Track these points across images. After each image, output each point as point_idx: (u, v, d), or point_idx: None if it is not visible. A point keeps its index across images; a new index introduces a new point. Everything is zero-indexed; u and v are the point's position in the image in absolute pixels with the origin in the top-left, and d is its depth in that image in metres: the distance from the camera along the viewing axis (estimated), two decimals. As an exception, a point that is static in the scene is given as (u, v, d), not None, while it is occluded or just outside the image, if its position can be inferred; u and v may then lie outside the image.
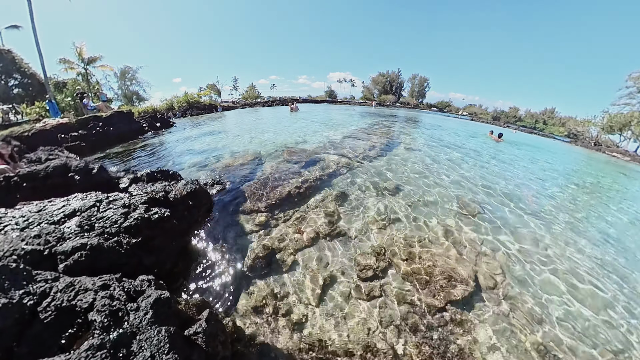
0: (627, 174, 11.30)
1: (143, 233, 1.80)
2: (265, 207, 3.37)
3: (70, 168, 2.41)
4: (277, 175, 4.31)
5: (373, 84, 75.16)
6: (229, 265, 2.45)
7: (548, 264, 2.96)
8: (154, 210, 1.97)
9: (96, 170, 2.50)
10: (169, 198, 2.36)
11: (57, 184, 2.32)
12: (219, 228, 2.93)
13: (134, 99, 37.34)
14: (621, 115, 29.49)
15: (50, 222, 1.65)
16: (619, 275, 2.99)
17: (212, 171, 4.73)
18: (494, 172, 6.13)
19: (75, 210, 1.75)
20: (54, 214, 1.71)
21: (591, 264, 3.08)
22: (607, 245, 3.65)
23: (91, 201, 1.86)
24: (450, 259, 2.72)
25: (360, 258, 2.74)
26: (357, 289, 2.46)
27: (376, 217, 3.50)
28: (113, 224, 1.71)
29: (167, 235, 1.99)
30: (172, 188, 2.58)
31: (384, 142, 7.52)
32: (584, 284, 2.73)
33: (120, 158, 7.45)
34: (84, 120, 10.91)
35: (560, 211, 4.62)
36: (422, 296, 2.34)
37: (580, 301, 2.52)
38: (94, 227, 1.66)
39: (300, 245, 2.87)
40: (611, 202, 5.76)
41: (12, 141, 7.89)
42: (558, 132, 58.58)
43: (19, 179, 2.23)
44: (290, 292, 2.36)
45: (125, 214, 1.81)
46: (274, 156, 5.94)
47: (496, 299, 2.40)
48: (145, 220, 1.84)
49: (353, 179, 4.75)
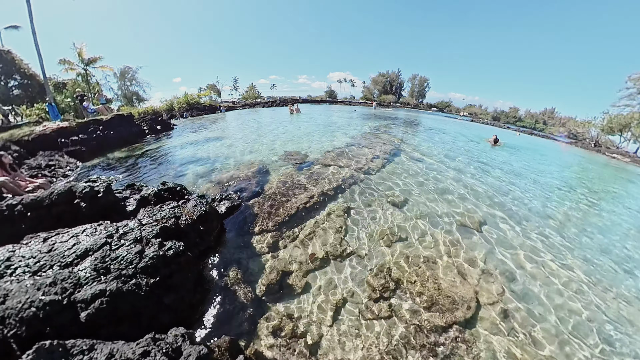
0: (628, 178, 11.21)
1: (160, 272, 1.75)
2: (274, 226, 3.33)
3: (76, 194, 2.28)
4: (283, 190, 4.24)
5: (373, 84, 75.12)
6: (244, 291, 2.42)
7: (546, 282, 2.95)
8: (167, 245, 1.89)
9: (102, 194, 2.38)
10: (180, 225, 2.29)
11: (63, 211, 2.23)
12: (232, 251, 2.90)
13: (133, 100, 37.27)
14: (621, 117, 29.45)
15: (63, 264, 1.57)
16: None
17: (217, 183, 4.67)
18: (493, 186, 6.11)
19: (87, 250, 1.67)
20: (65, 255, 1.62)
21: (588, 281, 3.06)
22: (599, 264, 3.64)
23: (102, 238, 1.77)
24: (455, 280, 2.75)
25: (370, 279, 2.75)
26: (367, 309, 2.45)
27: (382, 233, 3.49)
28: (129, 265, 1.64)
29: (183, 270, 1.94)
30: (182, 210, 2.47)
31: (386, 150, 7.39)
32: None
33: (121, 164, 7.35)
34: (84, 124, 10.82)
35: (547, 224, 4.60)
36: (428, 317, 2.37)
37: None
38: (110, 270, 1.58)
39: (311, 267, 2.85)
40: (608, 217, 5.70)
41: (12, 146, 7.83)
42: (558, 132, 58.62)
43: (24, 207, 2.11)
44: (304, 314, 2.36)
45: (140, 253, 1.74)
46: (278, 166, 5.87)
47: (496, 318, 2.43)
48: (160, 257, 1.78)
49: (358, 193, 4.74)
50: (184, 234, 2.27)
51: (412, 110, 56.37)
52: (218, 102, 44.70)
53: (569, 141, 33.24)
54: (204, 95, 40.15)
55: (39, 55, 11.94)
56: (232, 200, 3.53)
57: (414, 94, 73.33)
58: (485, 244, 3.47)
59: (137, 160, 7.83)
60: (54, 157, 8.00)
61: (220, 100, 49.56)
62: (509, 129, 37.26)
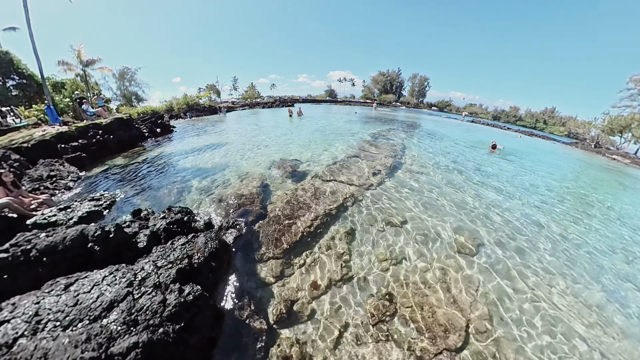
0: (625, 183, 11.20)
1: (183, 317, 1.89)
2: (280, 253, 3.46)
3: (88, 237, 2.40)
4: (287, 212, 4.35)
5: (373, 83, 74.82)
6: (257, 322, 2.59)
7: (532, 308, 3.09)
8: (186, 290, 2.04)
9: (113, 234, 2.50)
10: (193, 265, 2.42)
11: (78, 255, 2.36)
12: (242, 281, 3.05)
13: (133, 100, 37.12)
14: (621, 118, 29.41)
15: (92, 318, 1.70)
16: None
17: (221, 202, 4.79)
18: (492, 202, 6.12)
19: (112, 302, 1.80)
20: (92, 308, 1.75)
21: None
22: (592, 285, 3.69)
23: (123, 288, 1.91)
24: (448, 307, 2.92)
25: (369, 304, 2.91)
26: (368, 333, 2.64)
27: (381, 257, 3.66)
28: (155, 315, 1.77)
29: (202, 311, 2.09)
30: (193, 248, 2.60)
31: (387, 163, 7.47)
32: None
33: (122, 175, 7.33)
34: (83, 128, 10.77)
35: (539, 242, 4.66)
36: (422, 342, 2.57)
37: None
38: (138, 322, 1.71)
39: (316, 295, 3.03)
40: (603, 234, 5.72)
41: (12, 154, 7.81)
42: (558, 131, 58.67)
43: (39, 253, 2.23)
44: (311, 340, 2.56)
45: (163, 302, 1.87)
46: (280, 182, 5.96)
47: (485, 343, 2.63)
48: (182, 304, 1.92)
49: (359, 213, 4.84)
50: (197, 272, 2.43)
51: (412, 111, 56.31)
52: (217, 102, 44.57)
53: (569, 142, 33.24)
54: (203, 96, 39.99)
55: (37, 59, 11.86)
56: (239, 229, 3.69)
57: (414, 93, 73.08)
58: (477, 270, 3.62)
59: (138, 169, 7.80)
60: (55, 166, 7.98)
61: (219, 100, 49.41)
62: (509, 129, 37.04)
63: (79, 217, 4.38)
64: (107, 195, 5.37)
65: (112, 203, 5.14)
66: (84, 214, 4.48)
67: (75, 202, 5.15)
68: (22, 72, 18.65)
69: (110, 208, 5.00)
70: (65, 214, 4.65)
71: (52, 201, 5.26)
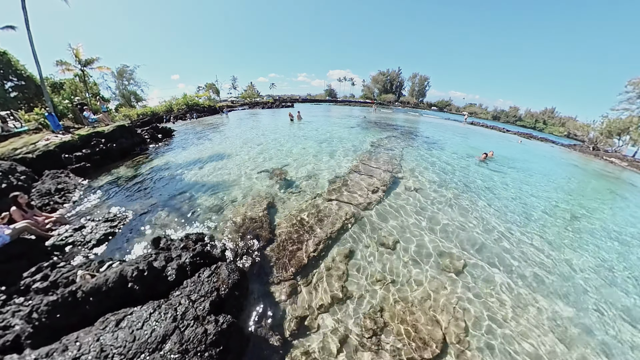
0: (616, 191, 11.32)
1: (221, 342, 2.42)
2: (290, 276, 4.03)
3: (127, 278, 2.90)
4: (293, 237, 4.88)
5: (373, 83, 74.51)
6: (274, 336, 3.16)
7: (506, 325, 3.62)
8: (220, 320, 2.59)
9: (147, 272, 2.99)
10: (221, 296, 2.99)
11: (120, 294, 2.83)
12: (259, 303, 3.60)
13: (131, 99, 36.88)
14: (620, 121, 29.54)
15: (151, 350, 2.20)
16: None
17: (233, 223, 5.28)
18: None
19: (165, 336, 2.31)
20: (149, 342, 2.25)
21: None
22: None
23: (170, 323, 2.43)
24: (428, 324, 3.46)
25: (364, 319, 3.50)
26: (362, 344, 3.23)
27: (375, 277, 4.22)
28: (200, 343, 2.30)
29: (234, 335, 2.64)
30: (219, 280, 3.17)
31: (385, 179, 7.86)
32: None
33: (129, 189, 7.51)
34: (86, 137, 10.90)
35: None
36: (405, 351, 3.15)
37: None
38: (189, 350, 2.24)
39: (321, 310, 3.62)
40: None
41: (18, 167, 7.92)
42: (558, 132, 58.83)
43: (84, 294, 2.71)
44: (317, 350, 3.13)
45: (205, 332, 2.40)
46: (284, 202, 6.42)
47: (461, 354, 3.17)
48: (219, 332, 2.46)
49: (357, 235, 5.31)
50: (225, 301, 3.02)
51: (412, 111, 56.12)
52: (217, 101, 44.30)
53: (568, 143, 33.33)
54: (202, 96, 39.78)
55: (36, 61, 11.79)
56: (253, 256, 4.32)
57: (414, 93, 72.86)
58: (461, 289, 4.13)
59: (144, 183, 7.95)
60: (61, 177, 8.15)
61: (218, 99, 49.13)
62: (508, 132, 36.88)
63: (97, 240, 4.65)
64: (119, 214, 5.58)
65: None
66: (102, 237, 4.73)
67: (88, 221, 5.36)
68: (20, 74, 18.55)
69: (123, 227, 5.22)
70: (81, 235, 4.89)
71: (65, 218, 5.45)
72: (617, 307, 4.10)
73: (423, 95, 73.90)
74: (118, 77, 37.90)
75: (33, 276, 3.62)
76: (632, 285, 4.62)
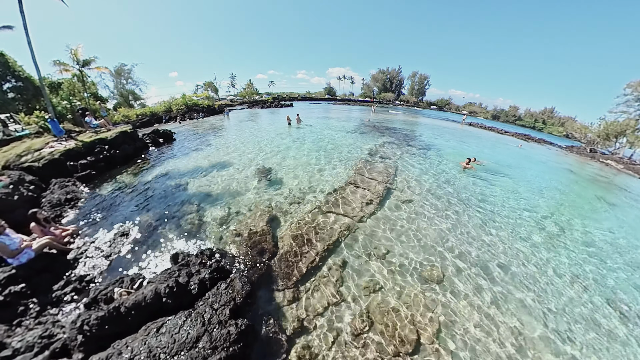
0: (605, 199, 11.48)
1: (241, 340, 3.15)
2: (292, 284, 4.71)
3: (161, 294, 3.56)
4: (295, 249, 5.52)
5: (373, 81, 74.27)
6: (280, 334, 3.84)
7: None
8: (239, 323, 3.33)
9: (176, 288, 3.67)
10: (237, 304, 3.72)
11: (155, 308, 3.49)
12: (267, 307, 4.30)
13: (130, 98, 36.80)
14: (617, 124, 29.81)
15: (189, 347, 2.94)
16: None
17: (239, 236, 5.89)
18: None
19: (198, 337, 3.04)
20: (186, 342, 2.98)
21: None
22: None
23: (201, 327, 3.12)
24: (406, 325, 4.13)
25: (353, 321, 4.21)
26: (352, 341, 3.94)
27: (366, 284, 4.88)
28: (226, 341, 3.05)
29: (250, 334, 3.39)
30: (234, 291, 3.89)
31: (380, 191, 8.44)
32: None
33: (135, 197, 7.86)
34: (89, 144, 11.15)
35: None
36: (386, 346, 3.84)
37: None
38: (217, 346, 2.97)
39: (318, 313, 4.31)
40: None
41: (26, 176, 8.21)
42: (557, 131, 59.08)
43: (126, 309, 3.33)
44: (316, 343, 3.85)
45: (228, 333, 3.15)
46: (285, 213, 7.04)
47: (434, 353, 3.84)
48: (239, 332, 3.19)
49: (351, 246, 5.92)
50: (240, 308, 3.75)
51: (412, 111, 56.13)
52: (215, 99, 44.21)
53: (566, 144, 33.58)
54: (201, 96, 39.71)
55: (36, 65, 11.87)
56: (260, 267, 5.03)
57: (414, 92, 72.74)
58: (439, 298, 4.74)
59: (149, 192, 8.26)
60: (69, 186, 8.44)
61: (217, 98, 49.02)
62: (507, 133, 36.86)
63: (116, 253, 5.35)
64: (131, 227, 6.13)
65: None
66: (118, 250, 5.24)
67: (102, 234, 5.86)
68: (18, 75, 18.54)
69: (138, 241, 5.82)
70: (99, 249, 5.34)
71: (79, 231, 5.83)
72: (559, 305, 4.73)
73: (423, 94, 73.74)
74: (116, 76, 37.77)
75: (63, 289, 4.24)
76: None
